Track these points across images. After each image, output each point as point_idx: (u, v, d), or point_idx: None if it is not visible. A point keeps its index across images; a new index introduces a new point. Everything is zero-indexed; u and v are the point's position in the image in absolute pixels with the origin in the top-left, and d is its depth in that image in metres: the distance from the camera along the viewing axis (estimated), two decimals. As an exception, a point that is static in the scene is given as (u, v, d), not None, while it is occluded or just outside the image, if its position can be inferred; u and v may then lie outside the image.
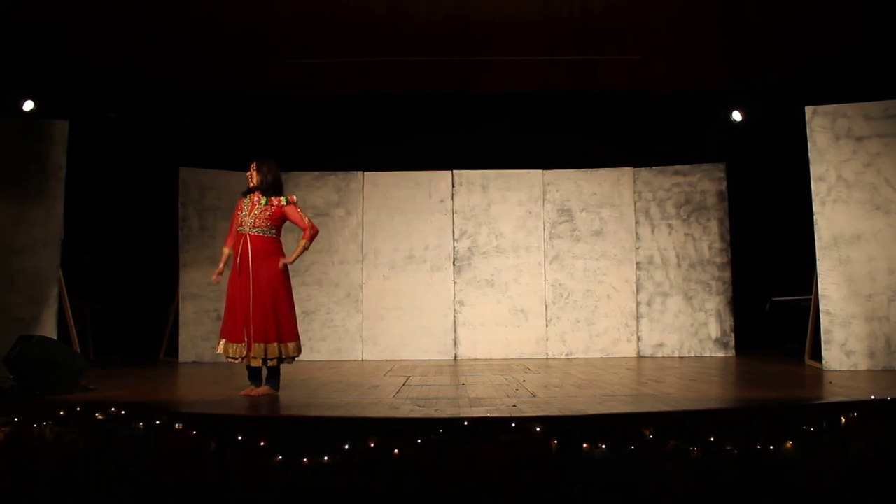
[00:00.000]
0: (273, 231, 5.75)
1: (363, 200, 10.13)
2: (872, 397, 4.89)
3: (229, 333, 5.64)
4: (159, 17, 7.90)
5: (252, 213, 5.71)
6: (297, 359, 5.84)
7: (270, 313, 5.60)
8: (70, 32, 8.11)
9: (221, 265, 5.89)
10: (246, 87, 9.89)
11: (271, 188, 5.78)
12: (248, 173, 5.83)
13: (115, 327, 9.87)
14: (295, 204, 5.82)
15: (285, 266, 5.77)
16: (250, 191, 5.81)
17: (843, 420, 4.29)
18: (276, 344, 5.61)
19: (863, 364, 7.25)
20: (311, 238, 5.81)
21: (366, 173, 10.19)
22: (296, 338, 5.77)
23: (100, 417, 4.31)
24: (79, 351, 7.53)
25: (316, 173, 10.16)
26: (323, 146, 10.38)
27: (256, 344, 5.56)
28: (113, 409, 4.35)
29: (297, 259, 5.89)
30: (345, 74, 9.48)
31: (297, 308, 9.78)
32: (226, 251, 5.91)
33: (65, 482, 4.22)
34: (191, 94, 9.94)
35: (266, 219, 5.70)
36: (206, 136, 10.16)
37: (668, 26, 8.41)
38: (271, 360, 5.60)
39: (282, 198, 5.78)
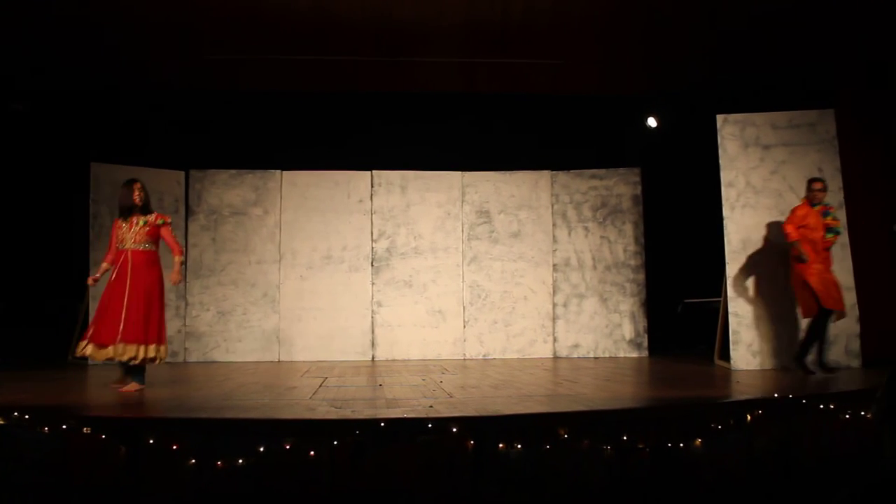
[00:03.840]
0: (152, 245, 6.34)
1: (281, 200, 10.02)
2: (776, 395, 5.07)
3: (99, 337, 5.99)
4: (71, 6, 7.63)
5: (132, 230, 6.27)
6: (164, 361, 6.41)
7: (143, 318, 6.06)
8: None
9: (98, 275, 6.35)
10: (162, 83, 9.64)
11: (147, 207, 6.39)
12: (133, 194, 6.33)
13: (20, 328, 9.50)
14: (169, 225, 6.46)
15: (161, 276, 6.35)
16: (130, 212, 6.32)
17: (749, 417, 4.44)
18: (143, 346, 6.05)
19: (768, 363, 7.52)
20: (182, 253, 6.50)
21: (284, 172, 10.08)
22: (163, 342, 6.26)
23: (1, 422, 4.14)
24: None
25: (233, 171, 10.00)
26: (241, 144, 10.22)
27: (129, 345, 5.98)
28: (16, 413, 4.19)
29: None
30: (265, 72, 9.34)
31: (212, 309, 9.79)
32: (104, 266, 6.32)
33: (-36, 490, 4.05)
34: (105, 87, 9.63)
35: (146, 235, 6.28)
36: (120, 131, 9.86)
37: (589, 33, 8.54)
38: (137, 359, 6.03)
39: (159, 218, 6.39)
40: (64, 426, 4.07)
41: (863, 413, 4.72)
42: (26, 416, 4.16)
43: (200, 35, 8.40)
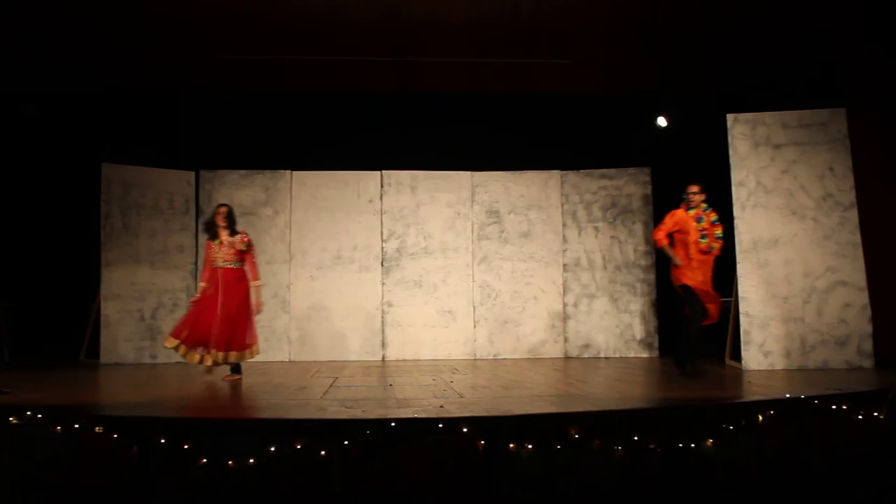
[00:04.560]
0: (239, 264, 7.15)
1: (291, 200, 10.03)
2: (787, 396, 5.05)
3: (192, 341, 6.81)
4: (81, 9, 7.66)
5: (222, 250, 7.11)
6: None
7: (229, 332, 6.91)
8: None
9: (199, 295, 7.11)
10: (173, 84, 9.66)
11: (232, 228, 7.20)
12: (217, 218, 7.16)
13: (32, 328, 9.55)
14: (251, 250, 7.26)
15: (248, 291, 7.19)
16: (217, 233, 7.15)
17: (761, 418, 4.42)
18: (226, 353, 6.89)
19: (779, 364, 7.49)
20: (258, 279, 7.33)
21: (294, 172, 10.09)
22: (250, 346, 7.12)
23: (14, 421, 4.16)
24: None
25: (243, 172, 10.02)
26: (251, 144, 10.22)
27: (219, 352, 6.82)
28: (29, 412, 4.20)
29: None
30: (274, 72, 9.36)
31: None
32: (202, 285, 7.14)
33: (-23, 489, 4.07)
34: (115, 88, 9.66)
35: (234, 254, 7.11)
36: (131, 132, 9.89)
37: (598, 32, 8.53)
38: (219, 363, 6.89)
39: (241, 243, 7.14)
40: (76, 425, 4.09)
41: (875, 414, 4.70)
42: (39, 416, 4.19)
43: (210, 35, 8.42)
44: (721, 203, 8.13)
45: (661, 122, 10.41)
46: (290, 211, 10.00)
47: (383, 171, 10.15)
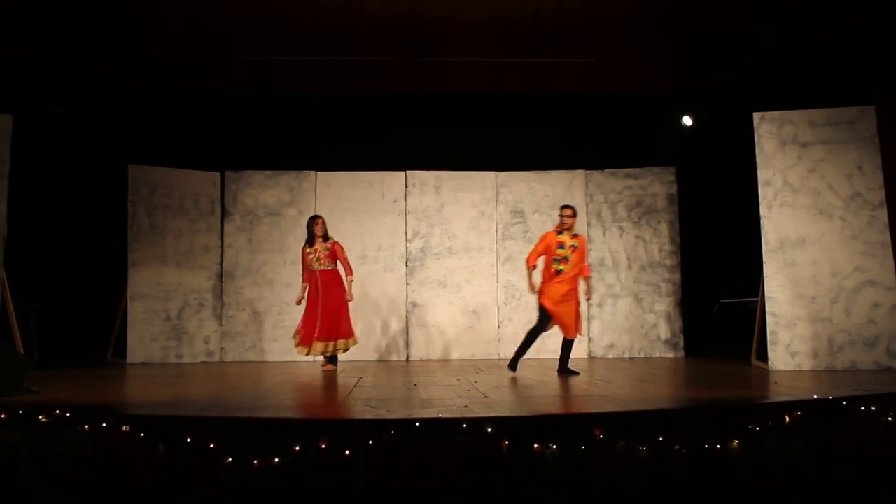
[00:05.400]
0: (333, 265, 8.02)
1: (316, 200, 10.07)
2: (815, 397, 4.99)
3: (307, 340, 7.87)
4: (108, 11, 7.74)
5: (317, 255, 7.97)
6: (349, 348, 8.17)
7: (332, 323, 7.87)
8: (14, 25, 7.90)
9: (302, 294, 8.15)
10: (197, 85, 9.74)
11: (326, 236, 8.04)
12: (316, 228, 8.02)
13: (60, 328, 9.67)
14: (341, 246, 8.08)
15: (344, 289, 8.02)
16: (314, 241, 8.02)
17: (788, 419, 4.37)
18: (331, 342, 7.90)
19: (806, 364, 7.41)
20: (352, 273, 8.11)
21: (319, 173, 10.13)
22: (350, 336, 8.04)
23: (43, 420, 4.21)
24: (22, 352, 7.37)
25: (268, 172, 10.07)
26: (275, 145, 10.30)
27: (319, 342, 7.82)
28: (57, 411, 4.25)
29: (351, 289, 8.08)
30: (298, 73, 9.40)
31: (248, 309, 9.87)
32: (304, 285, 8.14)
33: (6, 487, 4.11)
34: (141, 90, 9.75)
35: (327, 257, 7.97)
36: (156, 133, 9.98)
37: (622, 30, 8.48)
38: (337, 350, 7.96)
39: (335, 242, 8.06)
40: (104, 424, 4.13)
41: (904, 415, 4.64)
42: (67, 414, 4.23)
43: (232, 37, 8.46)
44: (747, 202, 8.07)
45: (687, 120, 10.35)
46: (314, 211, 10.02)
47: (407, 171, 10.16)
